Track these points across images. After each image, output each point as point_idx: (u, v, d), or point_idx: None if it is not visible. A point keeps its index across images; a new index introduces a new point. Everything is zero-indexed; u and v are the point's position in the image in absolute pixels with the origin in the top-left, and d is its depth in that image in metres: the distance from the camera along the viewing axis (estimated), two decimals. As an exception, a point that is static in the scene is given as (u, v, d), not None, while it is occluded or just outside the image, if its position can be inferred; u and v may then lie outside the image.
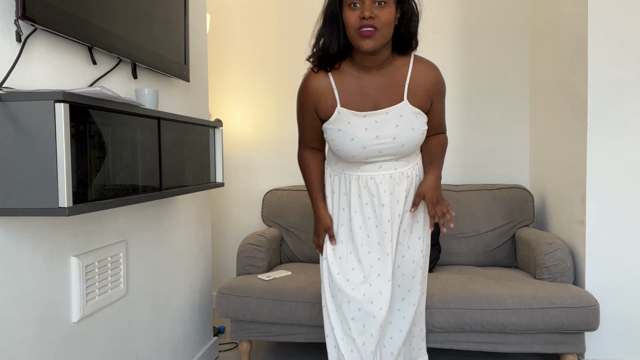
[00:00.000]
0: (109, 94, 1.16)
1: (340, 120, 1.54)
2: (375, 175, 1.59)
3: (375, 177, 1.59)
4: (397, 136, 1.53)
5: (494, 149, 3.06)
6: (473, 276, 2.40)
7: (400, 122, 1.52)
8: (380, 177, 1.59)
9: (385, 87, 1.53)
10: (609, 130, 2.24)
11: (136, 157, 1.37)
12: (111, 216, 1.61)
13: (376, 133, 1.52)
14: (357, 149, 1.53)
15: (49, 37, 1.29)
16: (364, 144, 1.52)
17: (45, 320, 1.30)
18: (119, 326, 1.65)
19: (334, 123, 1.55)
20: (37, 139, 1.04)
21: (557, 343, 2.14)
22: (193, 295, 2.30)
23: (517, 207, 2.73)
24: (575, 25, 2.35)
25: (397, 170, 1.60)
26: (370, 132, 1.52)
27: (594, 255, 2.26)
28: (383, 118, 1.52)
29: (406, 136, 1.53)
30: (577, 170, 2.35)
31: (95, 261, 1.49)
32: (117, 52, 1.51)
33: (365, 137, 1.52)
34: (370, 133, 1.52)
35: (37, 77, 1.25)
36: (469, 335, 2.17)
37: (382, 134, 1.52)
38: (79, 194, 1.10)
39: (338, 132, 1.54)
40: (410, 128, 1.53)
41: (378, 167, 1.59)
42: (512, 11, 3.02)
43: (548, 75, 2.73)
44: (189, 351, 2.24)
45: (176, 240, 2.11)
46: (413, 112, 1.53)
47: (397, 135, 1.53)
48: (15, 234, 1.19)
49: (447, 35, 3.06)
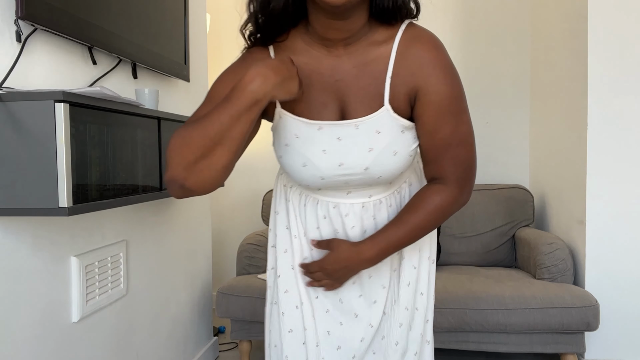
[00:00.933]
0: (109, 94, 1.16)
1: (284, 130, 0.97)
2: (341, 204, 1.04)
3: (340, 205, 1.04)
4: (370, 166, 0.95)
5: (494, 149, 3.06)
6: (473, 276, 2.40)
7: (376, 143, 0.94)
8: (347, 207, 1.04)
9: (356, 79, 0.94)
10: (609, 130, 2.23)
11: (136, 157, 1.37)
12: (111, 216, 1.60)
13: (339, 159, 0.95)
14: (313, 179, 0.98)
15: (49, 37, 1.29)
16: (322, 173, 0.97)
17: (45, 320, 1.30)
18: (119, 326, 1.65)
19: (278, 132, 0.99)
20: (37, 139, 1.04)
21: (557, 343, 2.14)
22: (193, 295, 2.30)
23: (517, 207, 2.73)
24: (575, 25, 2.35)
25: (373, 198, 1.04)
26: (331, 158, 0.96)
27: (594, 255, 2.26)
28: (350, 134, 0.94)
29: (384, 165, 0.95)
30: (577, 170, 2.35)
31: (95, 261, 1.49)
32: (117, 52, 1.51)
33: (323, 165, 0.96)
34: (331, 159, 0.96)
35: (37, 77, 1.25)
36: (469, 335, 2.17)
37: (348, 161, 0.95)
38: (79, 194, 1.10)
39: (285, 149, 0.98)
40: (391, 152, 0.95)
41: (346, 193, 1.03)
42: (512, 11, 3.02)
43: (548, 75, 2.73)
44: (189, 351, 2.24)
45: (176, 240, 2.11)
46: (398, 124, 0.94)
47: (370, 165, 0.95)
48: (15, 234, 1.19)
49: (447, 35, 3.06)
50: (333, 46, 0.93)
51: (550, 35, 2.68)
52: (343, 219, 1.04)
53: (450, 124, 0.94)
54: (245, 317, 2.27)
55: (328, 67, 0.94)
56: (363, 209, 1.04)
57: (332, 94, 0.95)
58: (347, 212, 1.04)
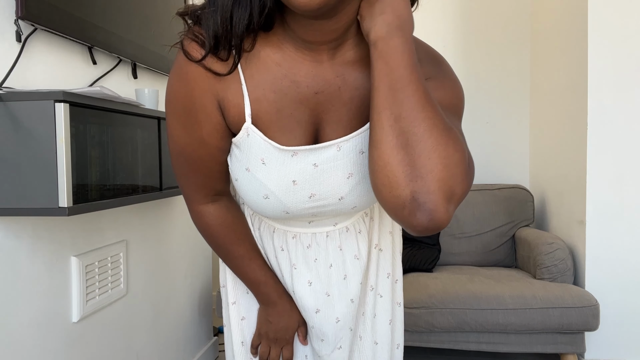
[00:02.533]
0: (109, 94, 1.16)
1: (248, 151, 0.77)
2: (302, 234, 0.88)
3: (300, 235, 0.89)
4: (346, 195, 0.79)
5: (494, 149, 3.06)
6: (473, 276, 2.41)
7: (358, 166, 0.77)
8: (309, 238, 0.89)
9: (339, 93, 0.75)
10: (609, 130, 2.23)
11: (136, 157, 1.37)
12: (111, 216, 1.60)
13: (310, 190, 0.78)
14: (274, 213, 0.81)
15: (49, 37, 1.29)
16: (287, 208, 0.79)
17: (45, 320, 1.30)
18: (119, 326, 1.65)
19: (240, 150, 0.77)
20: (37, 139, 1.04)
21: (557, 343, 2.14)
22: (193, 295, 2.30)
23: (517, 207, 2.73)
24: (575, 26, 2.35)
25: (339, 226, 0.89)
26: (301, 190, 0.78)
27: (594, 255, 2.26)
28: (330, 158, 0.76)
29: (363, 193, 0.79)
30: (577, 170, 2.35)
31: (95, 261, 1.49)
32: (117, 52, 1.51)
33: (289, 199, 0.78)
34: (300, 191, 0.78)
35: (37, 77, 1.25)
36: (469, 335, 2.17)
37: (321, 191, 0.78)
38: (79, 194, 1.10)
39: (245, 174, 0.78)
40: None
41: (308, 222, 0.87)
42: (512, 12, 3.02)
43: (548, 75, 2.73)
44: (189, 351, 2.24)
45: (176, 240, 2.11)
46: None
47: (346, 194, 0.78)
48: (15, 234, 1.19)
49: (447, 35, 3.06)
50: (315, 50, 0.72)
51: (550, 35, 2.68)
52: (305, 251, 0.88)
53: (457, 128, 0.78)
54: (245, 317, 2.27)
55: (307, 76, 0.73)
56: (328, 238, 0.88)
57: (308, 110, 0.74)
58: (310, 244, 0.88)
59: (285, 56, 0.73)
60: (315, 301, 0.90)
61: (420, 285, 2.27)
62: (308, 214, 0.82)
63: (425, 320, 2.13)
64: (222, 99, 0.74)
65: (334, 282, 0.90)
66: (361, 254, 0.91)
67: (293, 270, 0.89)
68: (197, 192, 0.84)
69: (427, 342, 2.19)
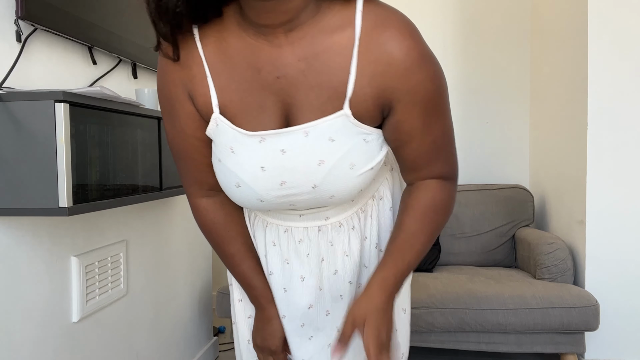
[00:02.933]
0: (109, 94, 1.16)
1: (219, 141, 0.78)
2: (293, 228, 0.87)
3: (292, 230, 0.88)
4: (320, 183, 0.77)
5: (494, 149, 3.06)
6: (473, 276, 2.41)
7: (329, 153, 0.75)
8: (300, 232, 0.87)
9: (303, 76, 0.73)
10: (609, 130, 2.23)
11: (136, 157, 1.37)
12: (111, 216, 1.60)
13: (280, 177, 0.77)
14: (250, 202, 0.80)
15: (49, 37, 1.29)
16: (260, 196, 0.79)
17: (45, 320, 1.30)
18: (119, 326, 1.65)
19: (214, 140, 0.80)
20: (37, 139, 1.04)
21: (557, 343, 2.14)
22: (193, 295, 2.30)
23: (517, 207, 2.73)
24: (575, 25, 2.35)
25: (331, 221, 0.86)
26: (270, 176, 0.77)
27: (594, 255, 2.26)
28: (297, 143, 0.75)
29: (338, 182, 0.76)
30: (577, 170, 2.35)
31: (95, 261, 1.49)
32: (117, 52, 1.51)
33: (259, 186, 0.78)
34: (270, 177, 0.77)
35: (37, 77, 1.25)
36: (469, 335, 2.17)
37: (291, 178, 0.77)
38: (79, 194, 1.10)
39: (218, 164, 0.80)
40: (347, 165, 0.75)
41: (298, 215, 0.86)
42: (512, 11, 3.02)
43: (548, 75, 2.73)
44: (189, 351, 2.24)
45: (176, 240, 2.11)
46: (358, 132, 0.75)
47: (320, 182, 0.76)
48: (15, 234, 1.19)
49: (446, 34, 3.06)
50: (272, 34, 0.71)
51: (550, 35, 2.68)
52: (296, 245, 0.87)
53: (440, 123, 0.76)
54: (245, 317, 2.27)
55: (267, 61, 0.72)
56: (320, 233, 0.86)
57: (272, 96, 0.74)
58: (301, 238, 0.86)
59: (245, 44, 0.73)
60: (309, 296, 0.89)
61: (420, 285, 2.27)
62: (285, 203, 0.80)
63: (425, 320, 2.13)
64: (191, 89, 0.77)
65: (325, 277, 0.88)
66: (352, 251, 0.87)
67: (285, 265, 0.89)
68: (191, 185, 0.87)
69: (427, 342, 2.19)
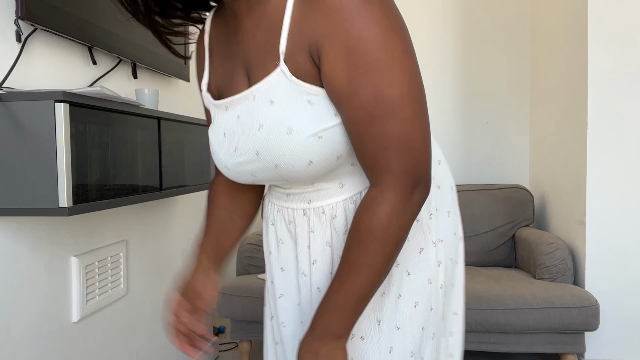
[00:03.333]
0: (109, 94, 1.16)
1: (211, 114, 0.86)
2: (284, 208, 0.85)
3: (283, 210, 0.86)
4: (260, 150, 0.72)
5: (494, 149, 3.06)
6: (473, 276, 2.40)
7: (268, 116, 0.71)
8: (290, 213, 0.84)
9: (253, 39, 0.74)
10: (608, 130, 2.23)
11: (136, 157, 1.37)
12: (111, 216, 1.60)
13: (235, 143, 0.77)
14: (222, 169, 0.82)
15: (49, 37, 1.29)
16: (224, 162, 0.80)
17: (45, 320, 1.30)
18: (118, 326, 1.65)
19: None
20: (37, 139, 1.04)
21: (557, 343, 2.14)
22: (193, 295, 2.30)
23: (517, 207, 2.73)
24: (575, 25, 2.35)
25: (314, 205, 0.80)
26: (228, 142, 0.78)
27: (594, 255, 2.26)
28: (248, 108, 0.74)
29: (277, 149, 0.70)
30: (577, 170, 2.35)
31: (95, 261, 1.49)
32: (117, 52, 1.51)
33: (222, 152, 0.80)
34: (228, 143, 0.78)
35: (37, 77, 1.25)
36: (469, 335, 2.17)
37: (241, 144, 0.76)
38: (79, 194, 1.10)
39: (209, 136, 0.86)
40: (283, 130, 0.69)
41: (286, 195, 0.84)
42: (512, 11, 3.02)
43: (548, 75, 2.73)
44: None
45: (176, 240, 2.11)
46: (300, 91, 0.69)
47: (260, 149, 0.72)
48: (15, 234, 1.19)
49: (446, 34, 3.06)
50: (237, 7, 0.74)
51: (550, 35, 2.68)
52: (287, 226, 0.84)
53: (370, 83, 0.63)
54: (245, 317, 2.27)
55: (234, 31, 0.78)
56: (305, 217, 0.81)
57: (239, 63, 0.77)
58: (291, 219, 0.83)
59: (227, 22, 0.81)
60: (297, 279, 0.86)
61: (420, 285, 2.27)
62: (245, 172, 0.78)
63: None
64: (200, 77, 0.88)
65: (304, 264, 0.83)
66: (333, 241, 0.79)
67: (280, 245, 0.87)
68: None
69: (427, 342, 2.18)
